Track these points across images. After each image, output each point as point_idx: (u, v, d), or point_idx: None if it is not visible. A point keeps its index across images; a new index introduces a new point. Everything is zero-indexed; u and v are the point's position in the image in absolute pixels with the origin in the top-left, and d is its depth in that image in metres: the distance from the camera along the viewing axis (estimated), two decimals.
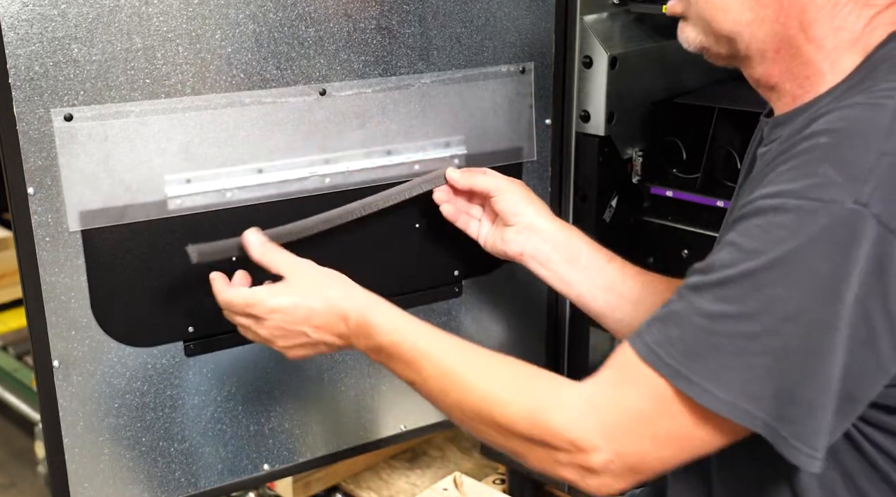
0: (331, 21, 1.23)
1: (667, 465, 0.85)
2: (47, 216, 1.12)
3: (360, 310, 1.04)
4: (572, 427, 0.85)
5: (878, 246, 0.74)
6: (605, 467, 0.84)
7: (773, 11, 0.89)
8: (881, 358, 0.78)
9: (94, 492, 1.24)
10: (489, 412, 0.91)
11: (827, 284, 0.75)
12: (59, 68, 1.08)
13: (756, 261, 0.77)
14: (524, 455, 0.90)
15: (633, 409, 0.83)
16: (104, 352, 1.20)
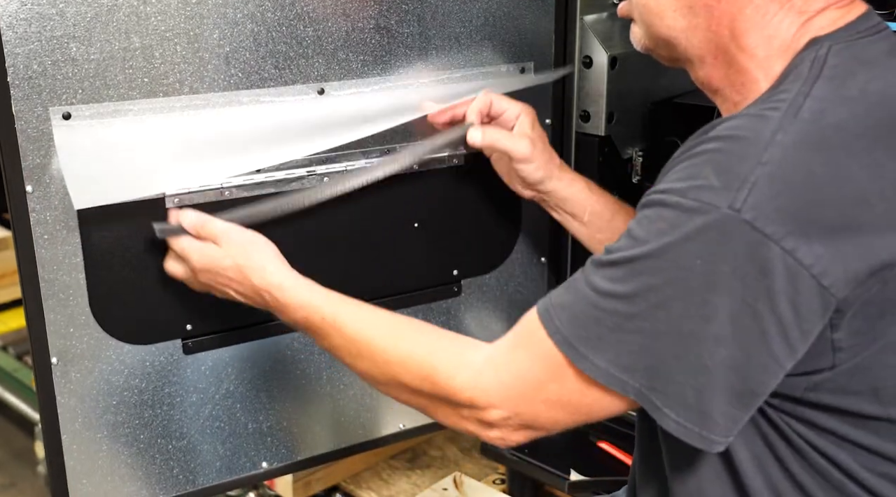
0: (329, 21, 1.24)
1: (561, 426, 0.91)
2: (45, 214, 1.13)
3: (272, 290, 1.09)
4: (472, 386, 0.92)
5: (755, 249, 0.77)
6: (502, 423, 0.91)
7: (705, 20, 0.92)
8: (775, 356, 0.80)
9: (93, 487, 1.25)
10: (396, 374, 0.99)
11: (697, 280, 0.79)
12: (57, 67, 1.09)
13: (639, 248, 0.82)
14: (431, 411, 0.98)
15: (526, 372, 0.89)
16: (102, 349, 1.21)
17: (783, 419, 0.88)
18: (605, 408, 0.87)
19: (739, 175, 0.78)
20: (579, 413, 0.89)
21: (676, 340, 0.81)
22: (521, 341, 0.92)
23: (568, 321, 0.86)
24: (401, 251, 1.38)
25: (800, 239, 0.77)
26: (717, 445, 0.84)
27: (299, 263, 1.31)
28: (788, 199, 0.78)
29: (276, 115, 1.23)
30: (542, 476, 1.58)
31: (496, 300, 1.50)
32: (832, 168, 0.79)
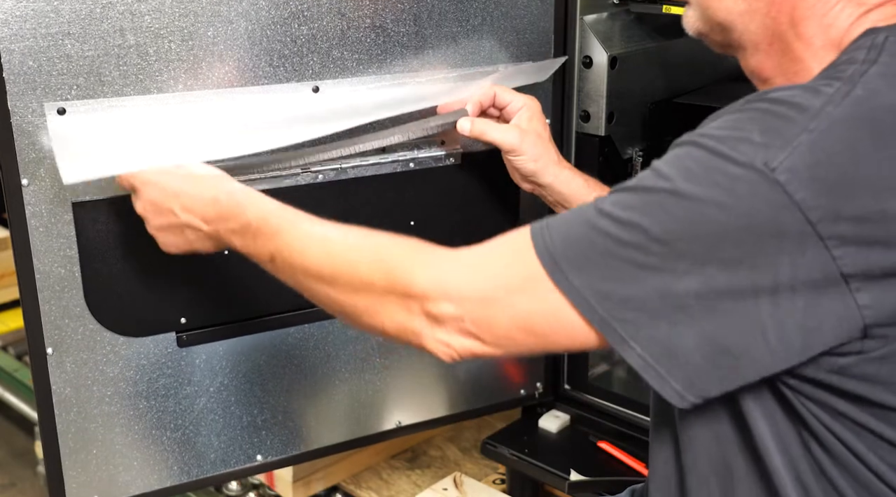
0: (324, 19, 1.25)
1: (510, 347, 0.87)
2: (41, 207, 1.15)
3: (230, 191, 1.06)
4: (430, 277, 0.88)
5: (779, 212, 0.76)
6: (452, 322, 0.87)
7: (765, 5, 0.91)
8: (761, 321, 0.79)
9: (88, 477, 1.27)
10: (350, 263, 0.94)
11: (708, 228, 0.78)
12: (52, 63, 1.11)
13: (660, 182, 0.81)
14: (375, 310, 0.92)
15: (496, 275, 0.87)
16: (97, 341, 1.23)
17: (801, 401, 0.85)
18: (564, 336, 0.84)
19: (783, 136, 0.77)
20: (534, 335, 0.86)
21: (665, 278, 0.79)
22: (501, 248, 0.88)
23: (560, 239, 0.84)
24: None
25: (827, 213, 0.76)
26: (673, 394, 0.81)
27: None
28: (826, 171, 0.76)
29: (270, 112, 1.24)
30: (542, 476, 1.58)
31: None
32: (877, 149, 0.78)
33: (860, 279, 0.77)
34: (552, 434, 1.64)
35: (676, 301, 0.79)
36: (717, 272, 0.78)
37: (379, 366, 1.45)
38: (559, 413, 1.65)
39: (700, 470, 0.95)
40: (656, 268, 0.79)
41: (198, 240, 1.09)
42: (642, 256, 0.80)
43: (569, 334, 0.84)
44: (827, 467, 0.87)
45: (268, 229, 1.01)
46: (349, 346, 1.41)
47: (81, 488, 1.27)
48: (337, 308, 0.97)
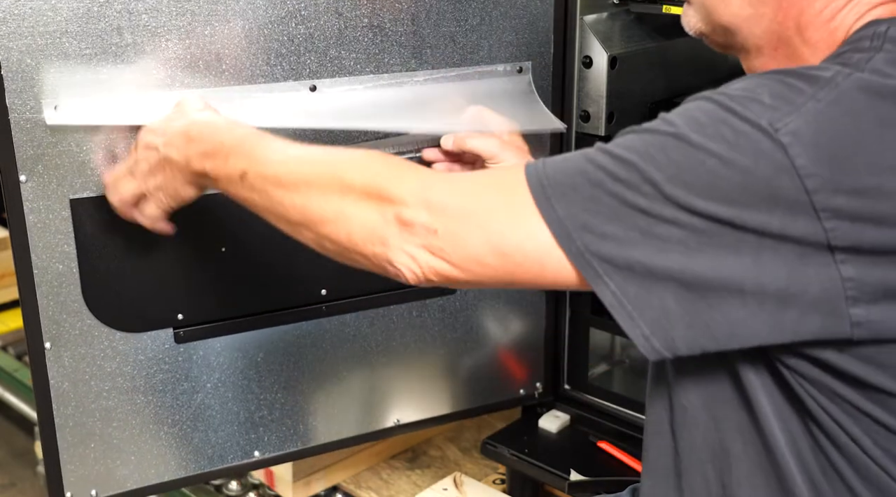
0: (321, 18, 1.26)
1: (478, 271, 0.85)
2: (38, 203, 1.16)
3: (208, 119, 1.07)
4: (413, 185, 0.87)
5: (776, 174, 0.76)
6: (422, 231, 0.85)
7: (772, 10, 0.91)
8: (738, 275, 0.78)
9: (86, 470, 1.28)
10: (333, 169, 0.92)
11: (703, 178, 0.77)
12: (50, 61, 1.13)
13: (665, 126, 0.81)
14: (349, 213, 0.89)
15: (482, 192, 0.86)
16: (95, 336, 1.24)
17: (799, 382, 0.85)
18: (537, 267, 0.83)
19: (791, 102, 0.78)
20: (505, 262, 0.84)
21: (649, 221, 0.79)
22: (494, 173, 0.89)
23: (554, 169, 0.83)
24: None
25: (825, 184, 0.76)
26: (640, 338, 0.81)
27: (293, 261, 1.34)
28: (828, 141, 0.76)
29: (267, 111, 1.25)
30: (542, 476, 1.58)
31: (492, 300, 1.51)
32: (881, 127, 0.77)
33: (847, 252, 0.77)
34: (552, 434, 1.64)
35: (657, 245, 0.79)
36: (703, 224, 0.78)
37: (377, 364, 1.45)
38: (559, 413, 1.65)
39: (697, 454, 0.95)
40: (643, 209, 0.79)
41: (174, 177, 1.08)
42: (631, 195, 0.79)
43: (542, 265, 0.83)
44: (826, 448, 0.86)
45: (242, 148, 1.00)
46: (347, 344, 1.42)
47: (80, 482, 1.28)
48: (300, 217, 0.94)
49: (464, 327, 1.50)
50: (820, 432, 0.86)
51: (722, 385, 0.91)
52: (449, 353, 1.50)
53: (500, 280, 0.86)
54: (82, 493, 1.29)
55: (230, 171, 1.00)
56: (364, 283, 1.39)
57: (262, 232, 1.29)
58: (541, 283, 0.85)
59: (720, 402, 0.91)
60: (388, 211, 0.87)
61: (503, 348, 1.56)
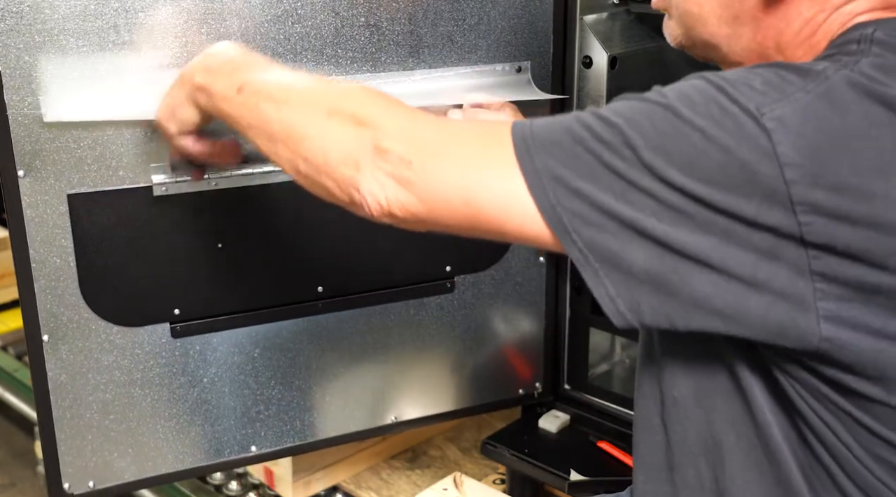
0: (317, 17, 1.27)
1: (443, 210, 0.85)
2: (36, 197, 1.19)
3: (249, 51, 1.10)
4: (403, 117, 0.88)
5: (757, 159, 0.75)
6: (397, 162, 0.85)
7: (750, 31, 0.92)
8: (704, 253, 0.78)
9: (84, 462, 1.30)
10: (327, 90, 0.95)
11: (685, 152, 0.77)
12: (48, 58, 1.15)
13: (657, 97, 0.81)
14: (327, 135, 0.90)
15: (464, 136, 0.87)
16: (92, 329, 1.26)
17: (788, 380, 0.85)
18: (504, 214, 0.83)
19: (781, 90, 0.78)
20: (472, 203, 0.84)
21: (624, 186, 0.79)
22: (482, 123, 0.90)
23: (540, 126, 0.83)
24: (390, 245, 1.40)
25: (805, 176, 0.75)
26: (605, 298, 0.81)
27: (290, 258, 1.35)
28: (813, 132, 0.76)
29: None
30: (542, 476, 1.58)
31: (491, 299, 1.51)
32: (871, 125, 0.77)
33: (820, 249, 0.77)
34: (552, 434, 1.64)
35: (629, 211, 0.79)
36: (677, 199, 0.78)
37: (375, 361, 1.46)
38: (559, 413, 1.65)
39: (689, 448, 0.95)
40: (620, 172, 0.79)
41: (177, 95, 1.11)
42: (610, 155, 0.79)
43: (508, 213, 0.83)
44: (814, 446, 0.86)
45: (248, 65, 1.03)
46: (344, 341, 1.42)
47: (77, 473, 1.30)
48: (283, 132, 0.95)
49: (462, 326, 1.50)
50: (808, 430, 0.86)
51: (714, 378, 0.90)
52: (447, 351, 1.51)
53: (462, 223, 0.86)
54: (80, 484, 1.31)
55: (229, 85, 1.02)
56: (360, 280, 1.41)
57: (259, 229, 1.32)
58: (504, 232, 0.84)
59: (712, 394, 0.91)
60: (368, 136, 0.87)
61: (502, 348, 1.56)
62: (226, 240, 1.30)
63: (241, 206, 1.29)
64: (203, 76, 1.07)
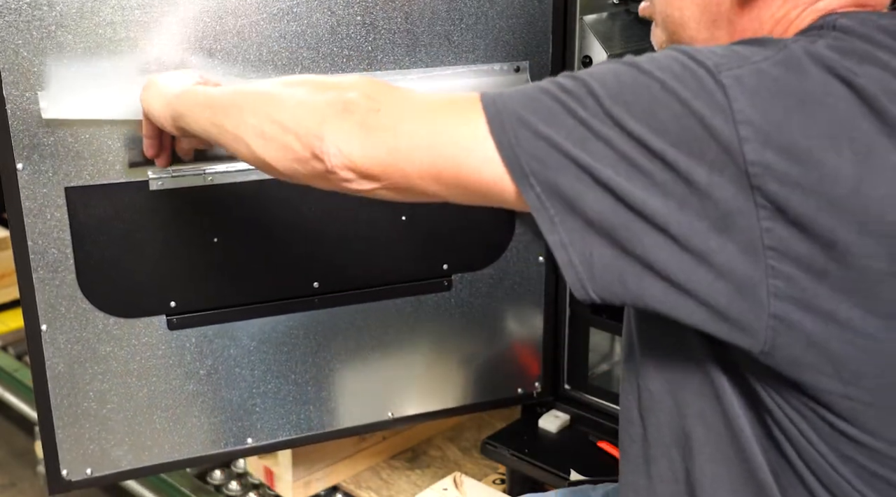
0: (314, 15, 1.29)
1: (406, 153, 0.85)
2: (34, 189, 1.22)
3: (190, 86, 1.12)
4: (369, 80, 0.89)
5: (713, 113, 0.76)
6: (363, 110, 0.86)
7: (727, 34, 0.92)
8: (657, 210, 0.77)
9: (82, 450, 1.33)
10: (307, 76, 0.96)
11: (645, 104, 0.77)
12: (46, 54, 1.18)
13: (626, 59, 0.82)
14: (302, 98, 0.91)
15: (435, 95, 0.87)
16: (89, 320, 1.29)
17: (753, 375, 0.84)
18: (463, 154, 0.83)
19: (743, 57, 0.79)
20: (433, 148, 0.84)
21: (584, 133, 0.79)
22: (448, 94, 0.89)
23: (512, 91, 0.83)
24: (388, 244, 1.41)
25: (758, 133, 0.75)
26: (557, 243, 0.80)
27: (285, 254, 1.37)
28: (769, 93, 0.76)
29: None
30: (542, 476, 1.58)
31: (489, 298, 1.52)
32: (826, 92, 0.77)
33: (772, 215, 0.76)
34: (552, 434, 1.64)
35: (588, 159, 0.79)
36: (635, 151, 0.78)
37: (371, 357, 1.47)
38: (559, 413, 1.65)
39: (662, 439, 0.95)
40: (582, 119, 0.79)
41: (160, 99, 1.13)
42: (574, 104, 0.80)
43: (469, 154, 0.83)
44: (780, 441, 0.86)
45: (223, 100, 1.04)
46: (340, 336, 1.44)
47: (75, 460, 1.33)
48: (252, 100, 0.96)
49: (460, 324, 1.51)
50: (776, 427, 0.85)
51: (685, 372, 0.90)
52: (445, 348, 1.52)
53: (422, 172, 0.85)
54: (78, 471, 1.34)
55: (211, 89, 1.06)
56: (356, 277, 1.42)
57: (255, 224, 1.34)
58: (463, 177, 0.84)
59: (683, 388, 0.91)
60: (336, 94, 0.89)
61: (501, 347, 1.56)
62: (221, 234, 1.32)
63: (236, 201, 1.31)
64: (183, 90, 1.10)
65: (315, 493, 1.70)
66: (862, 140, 0.77)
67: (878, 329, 0.79)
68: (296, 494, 1.68)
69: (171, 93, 1.11)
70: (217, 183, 1.29)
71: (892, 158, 0.77)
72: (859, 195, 0.76)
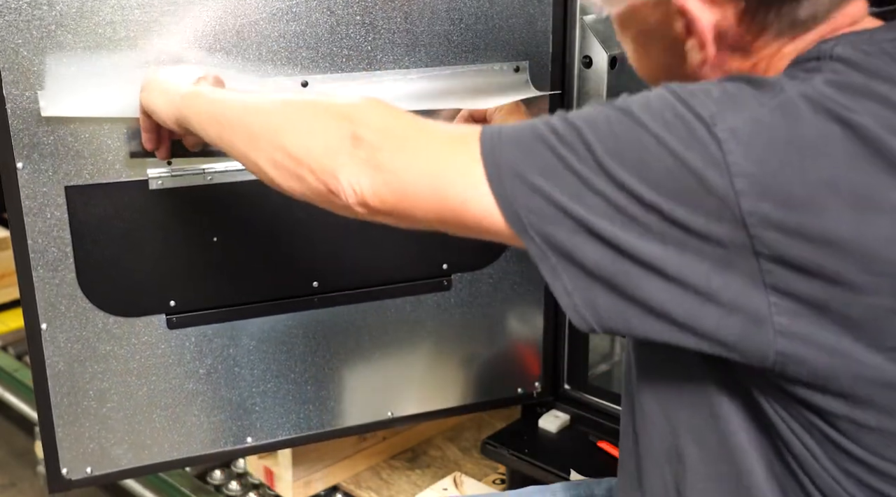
0: (313, 15, 1.29)
1: (411, 199, 0.86)
2: (34, 188, 1.22)
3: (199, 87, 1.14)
4: (377, 109, 0.91)
5: (706, 166, 0.75)
6: (369, 148, 0.87)
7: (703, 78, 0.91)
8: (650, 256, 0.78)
9: (82, 448, 1.33)
10: (319, 98, 0.97)
11: (636, 154, 0.77)
12: (45, 53, 1.18)
13: (619, 102, 0.81)
14: (310, 128, 0.93)
15: (437, 131, 0.88)
16: (89, 319, 1.29)
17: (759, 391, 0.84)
18: (461, 203, 0.84)
19: (738, 101, 0.78)
20: (436, 191, 0.85)
21: (579, 186, 0.79)
22: (459, 125, 0.90)
23: (508, 129, 0.84)
24: (386, 242, 1.41)
25: (754, 186, 0.75)
26: (562, 291, 0.81)
27: (285, 253, 1.37)
28: (765, 144, 0.75)
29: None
30: (542, 476, 1.58)
31: (489, 298, 1.52)
32: (823, 138, 0.76)
33: (772, 262, 0.76)
34: (552, 434, 1.64)
35: (583, 211, 0.79)
36: (629, 204, 0.78)
37: (371, 356, 1.48)
38: (559, 413, 1.65)
39: (655, 456, 0.95)
40: (577, 172, 0.79)
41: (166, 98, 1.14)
42: (569, 155, 0.80)
43: (469, 206, 0.84)
44: (786, 457, 0.85)
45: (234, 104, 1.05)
46: (339, 336, 1.44)
47: (75, 459, 1.34)
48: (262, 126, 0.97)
49: (460, 324, 1.51)
50: (780, 441, 0.85)
51: (681, 389, 0.90)
52: (444, 348, 1.52)
53: (428, 214, 0.87)
54: (78, 470, 1.34)
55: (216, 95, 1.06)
56: (356, 276, 1.42)
57: (255, 224, 1.34)
58: (466, 222, 0.85)
59: (677, 405, 0.91)
60: (347, 127, 0.90)
61: (500, 346, 1.56)
62: (221, 233, 1.32)
63: (236, 200, 1.32)
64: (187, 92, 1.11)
65: (315, 493, 1.70)
66: (862, 182, 0.76)
67: (884, 361, 0.79)
68: (296, 494, 1.68)
69: (176, 93, 1.11)
70: (217, 182, 1.29)
71: (893, 197, 0.76)
72: (863, 237, 0.75)
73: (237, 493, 1.74)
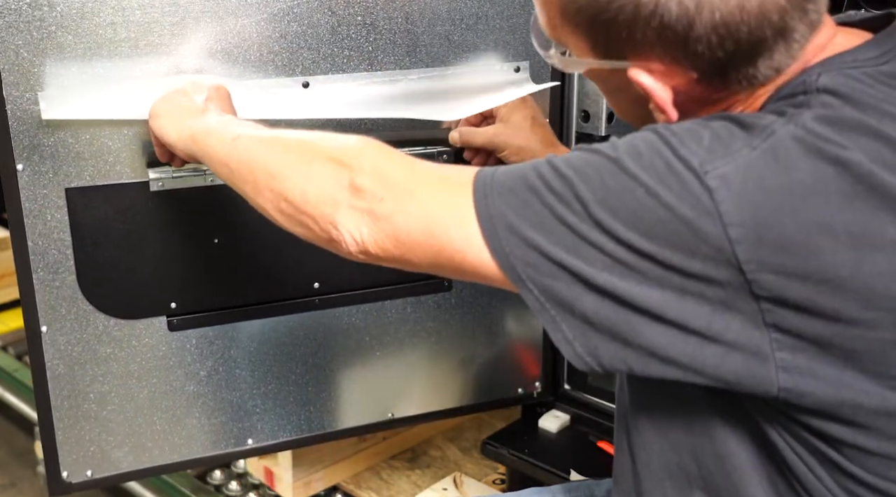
0: (314, 16, 1.29)
1: (411, 247, 0.86)
2: (35, 190, 1.21)
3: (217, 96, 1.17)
4: (375, 157, 0.90)
5: (700, 216, 0.75)
6: (370, 198, 0.87)
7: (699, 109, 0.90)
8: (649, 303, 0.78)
9: (82, 451, 1.33)
10: (315, 139, 0.96)
11: (630, 207, 0.77)
12: (46, 54, 1.17)
13: (608, 150, 0.81)
14: (308, 174, 0.93)
15: (432, 179, 0.88)
16: (90, 321, 1.29)
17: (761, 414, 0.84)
18: (458, 255, 0.84)
19: (728, 146, 0.77)
20: (433, 243, 0.85)
21: (575, 240, 0.79)
22: (454, 166, 0.91)
23: (500, 174, 0.84)
24: None
25: (749, 235, 0.75)
26: (563, 341, 0.81)
27: (286, 255, 1.37)
28: (756, 190, 0.75)
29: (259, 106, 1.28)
30: (542, 476, 1.58)
31: (490, 298, 1.52)
32: (816, 180, 0.76)
33: (771, 303, 0.76)
34: (552, 434, 1.64)
35: (580, 264, 0.79)
36: (625, 254, 0.78)
37: (372, 357, 1.47)
38: (559, 413, 1.65)
39: (655, 475, 0.95)
40: (571, 225, 0.79)
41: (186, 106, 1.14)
42: (562, 209, 0.80)
43: (464, 255, 0.84)
44: (788, 477, 0.86)
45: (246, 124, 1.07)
46: (340, 337, 1.44)
47: (76, 462, 1.33)
48: (269, 174, 0.97)
49: (460, 324, 1.51)
50: (782, 463, 0.85)
51: (676, 415, 0.90)
52: (445, 349, 1.52)
53: (428, 262, 0.87)
54: (78, 473, 1.33)
55: (227, 133, 1.05)
56: (357, 277, 1.42)
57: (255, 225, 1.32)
58: (464, 271, 0.86)
59: (674, 428, 0.91)
60: (345, 175, 0.90)
61: (501, 347, 1.56)
62: (222, 235, 1.32)
63: (237, 202, 1.30)
64: (209, 114, 1.12)
65: (315, 493, 1.70)
66: (858, 221, 0.76)
67: (886, 391, 0.79)
68: (296, 494, 1.68)
69: (187, 128, 1.10)
70: (218, 183, 1.28)
71: (889, 232, 0.76)
72: (861, 275, 0.75)
73: (237, 494, 1.74)
